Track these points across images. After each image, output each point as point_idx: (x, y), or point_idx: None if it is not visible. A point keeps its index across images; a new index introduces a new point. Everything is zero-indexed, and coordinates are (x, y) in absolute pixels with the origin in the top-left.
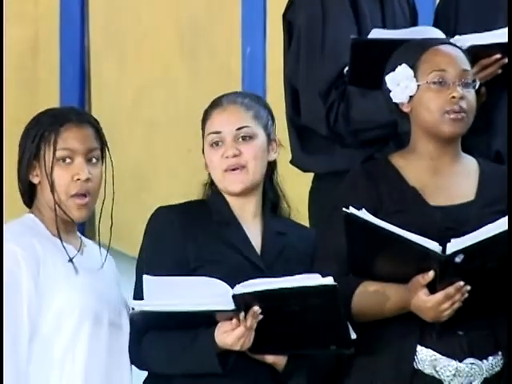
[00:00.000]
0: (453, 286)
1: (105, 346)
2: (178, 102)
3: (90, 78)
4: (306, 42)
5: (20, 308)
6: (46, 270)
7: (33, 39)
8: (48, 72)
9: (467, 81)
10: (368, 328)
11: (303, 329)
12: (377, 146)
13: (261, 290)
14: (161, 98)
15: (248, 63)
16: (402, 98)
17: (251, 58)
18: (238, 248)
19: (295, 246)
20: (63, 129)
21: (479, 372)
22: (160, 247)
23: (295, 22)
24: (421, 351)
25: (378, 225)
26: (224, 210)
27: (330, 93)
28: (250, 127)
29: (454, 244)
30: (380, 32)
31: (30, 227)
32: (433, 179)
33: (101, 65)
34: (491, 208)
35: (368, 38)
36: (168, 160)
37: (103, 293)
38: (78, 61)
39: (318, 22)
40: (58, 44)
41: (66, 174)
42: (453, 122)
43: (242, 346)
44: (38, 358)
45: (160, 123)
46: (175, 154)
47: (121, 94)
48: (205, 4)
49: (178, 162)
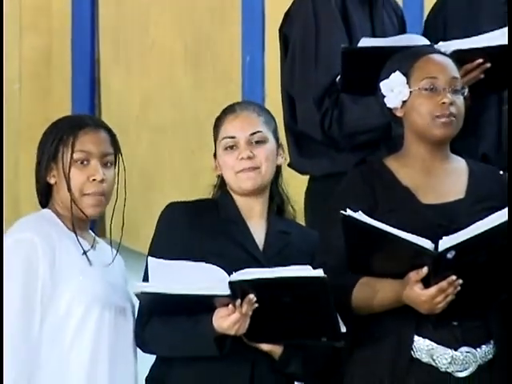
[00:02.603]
0: (445, 280)
1: (111, 331)
2: (182, 108)
3: (100, 86)
4: (301, 53)
5: (34, 294)
6: (62, 259)
7: (46, 50)
8: (60, 80)
9: (456, 87)
10: (368, 320)
11: (295, 320)
12: (368, 149)
13: (254, 277)
14: (166, 104)
15: (247, 72)
16: (396, 103)
17: (250, 67)
18: (242, 243)
19: (297, 245)
20: (81, 132)
21: (473, 359)
22: (170, 237)
23: (291, 35)
24: (418, 341)
25: (373, 225)
26: (231, 209)
27: (324, 100)
28: (262, 132)
29: (445, 241)
30: (369, 41)
31: (48, 220)
32: (425, 179)
33: (110, 74)
34: (480, 205)
35: (357, 47)
36: (173, 161)
37: (112, 284)
38: (88, 70)
39: (311, 35)
40: (69, 55)
41: (82, 175)
42: (443, 125)
43: (237, 331)
44: (51, 339)
45: (165, 128)
46: (179, 155)
47: (128, 101)
48: (208, 17)
49: (182, 163)
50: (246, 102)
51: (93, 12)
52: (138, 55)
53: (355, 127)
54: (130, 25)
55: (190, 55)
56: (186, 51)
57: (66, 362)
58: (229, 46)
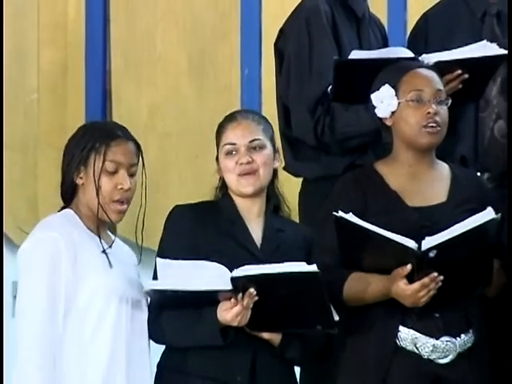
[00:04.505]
0: (428, 276)
1: (128, 323)
2: (186, 116)
3: (111, 96)
4: (296, 66)
5: (58, 289)
6: (83, 256)
7: (63, 63)
8: (75, 91)
9: (441, 99)
10: (357, 312)
11: (292, 310)
12: (358, 153)
13: (254, 273)
14: (172, 112)
15: (246, 83)
16: (385, 113)
17: (249, 78)
18: (241, 242)
19: (291, 241)
20: (113, 143)
21: (453, 348)
22: (176, 239)
23: (285, 50)
24: (403, 331)
25: (363, 226)
26: (232, 210)
27: (316, 108)
28: (261, 139)
29: (428, 241)
30: (359, 53)
31: (69, 220)
32: (412, 183)
33: (120, 85)
34: (461, 208)
35: (348, 59)
36: (178, 165)
37: (128, 279)
38: (100, 82)
39: (305, 49)
40: (83, 67)
41: (110, 183)
42: (429, 134)
43: (240, 322)
44: (74, 330)
45: (171, 134)
46: (184, 160)
47: (137, 110)
48: (210, 34)
49: (187, 167)
50: (246, 111)
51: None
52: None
53: (346, 133)
54: (139, 40)
55: (193, 68)
56: (189, 64)
57: (86, 354)
58: (229, 59)
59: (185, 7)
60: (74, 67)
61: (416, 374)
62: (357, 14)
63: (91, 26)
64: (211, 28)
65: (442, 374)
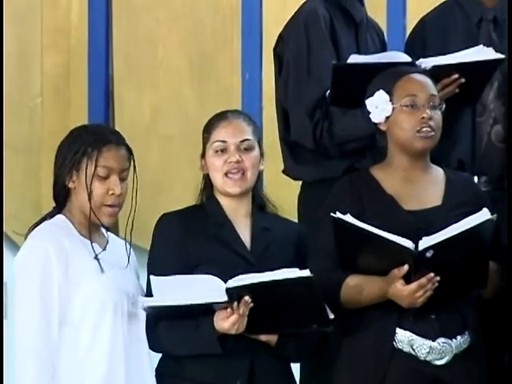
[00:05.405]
0: (425, 277)
1: (125, 333)
2: (188, 119)
3: (114, 99)
4: (294, 70)
5: (51, 297)
6: (74, 265)
7: (65, 66)
8: (78, 94)
9: (435, 104)
10: (354, 313)
11: (288, 312)
12: (356, 157)
13: (249, 283)
14: (173, 115)
15: (246, 87)
16: (380, 118)
17: (249, 83)
18: (231, 246)
19: (279, 239)
20: (105, 149)
21: (450, 349)
22: (166, 248)
23: (284, 55)
24: (399, 333)
25: (360, 227)
26: (219, 213)
27: (315, 112)
28: (250, 140)
29: (424, 241)
30: (357, 57)
31: (61, 227)
32: (406, 187)
33: (122, 88)
34: (456, 211)
35: (347, 63)
36: (180, 168)
37: (124, 286)
38: (103, 85)
39: (304, 54)
40: (86, 71)
41: (102, 187)
42: (423, 139)
43: (237, 330)
44: (69, 342)
45: (173, 137)
46: (185, 163)
47: (139, 113)
48: (211, 38)
49: (189, 169)
50: (237, 111)
51: (107, 33)
52: (148, 71)
53: (344, 136)
54: (141, 44)
55: (194, 72)
56: (191, 68)
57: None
58: (230, 64)
59: (186, 12)
60: (77, 71)
61: (413, 376)
62: (355, 18)
63: (94, 31)
64: (212, 33)
65: (438, 376)
